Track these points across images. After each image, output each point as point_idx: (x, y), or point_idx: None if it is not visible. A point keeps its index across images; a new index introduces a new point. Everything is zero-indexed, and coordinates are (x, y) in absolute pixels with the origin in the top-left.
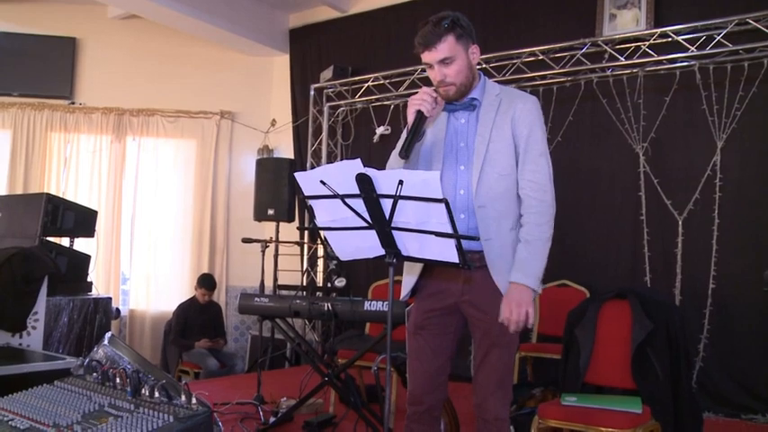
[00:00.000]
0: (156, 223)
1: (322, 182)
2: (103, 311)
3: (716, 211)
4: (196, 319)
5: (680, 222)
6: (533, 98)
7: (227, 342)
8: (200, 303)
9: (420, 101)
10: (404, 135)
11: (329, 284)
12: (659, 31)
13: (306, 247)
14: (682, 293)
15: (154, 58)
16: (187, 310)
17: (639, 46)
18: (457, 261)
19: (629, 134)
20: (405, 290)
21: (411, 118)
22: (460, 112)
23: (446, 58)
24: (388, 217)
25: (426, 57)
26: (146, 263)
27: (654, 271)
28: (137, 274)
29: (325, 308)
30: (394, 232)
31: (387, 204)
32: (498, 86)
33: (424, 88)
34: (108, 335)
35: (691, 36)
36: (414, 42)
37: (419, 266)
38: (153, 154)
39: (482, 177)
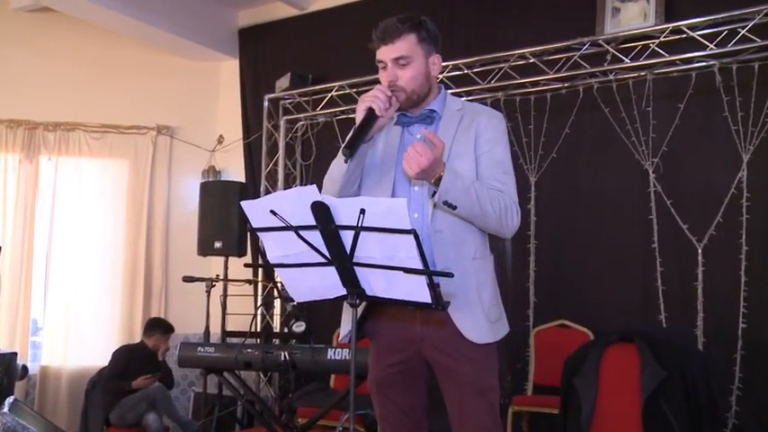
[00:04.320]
0: (77, 260)
1: (272, 212)
2: (5, 370)
3: (743, 237)
4: (141, 367)
5: (699, 250)
6: (499, 114)
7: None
8: (151, 350)
9: (372, 98)
10: (350, 136)
11: (286, 330)
12: (671, 26)
13: (260, 286)
14: (705, 335)
15: (73, 62)
16: (132, 354)
17: (648, 45)
18: (429, 301)
19: (636, 148)
20: (344, 330)
21: (360, 116)
22: (416, 125)
23: (401, 58)
24: (348, 251)
25: (381, 53)
26: (64, 309)
27: (670, 308)
28: (52, 322)
29: (282, 357)
30: (356, 269)
31: (347, 237)
32: (460, 101)
33: (379, 85)
34: (9, 400)
35: (709, 31)
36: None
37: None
38: (74, 176)
39: None
